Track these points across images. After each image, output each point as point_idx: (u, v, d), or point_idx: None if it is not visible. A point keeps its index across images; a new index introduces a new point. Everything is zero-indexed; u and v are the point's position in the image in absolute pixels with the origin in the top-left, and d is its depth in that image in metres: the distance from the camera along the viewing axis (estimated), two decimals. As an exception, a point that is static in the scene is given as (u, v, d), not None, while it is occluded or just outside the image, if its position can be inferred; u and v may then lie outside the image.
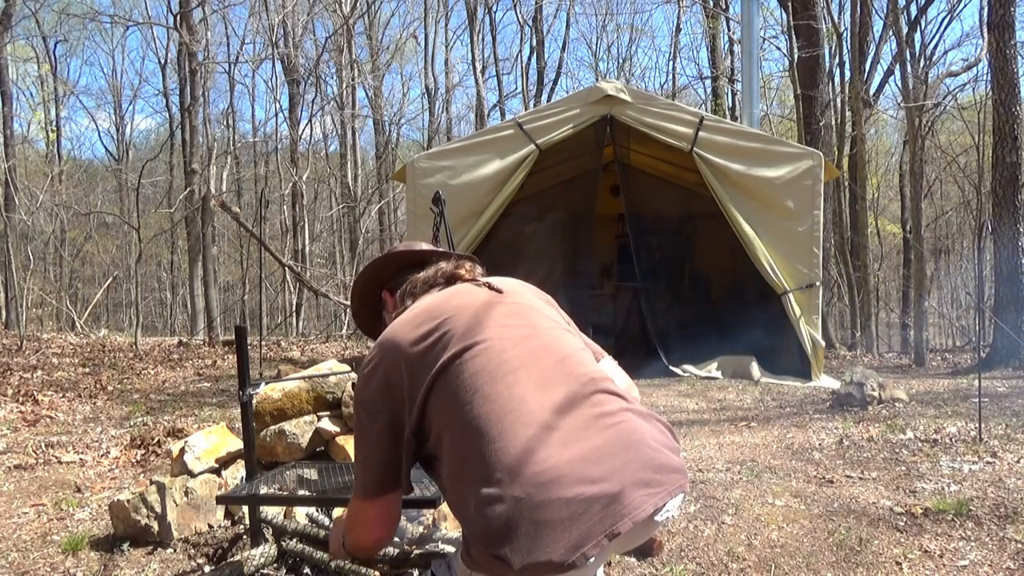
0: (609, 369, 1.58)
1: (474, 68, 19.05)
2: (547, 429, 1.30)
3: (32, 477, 3.79)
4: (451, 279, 1.65)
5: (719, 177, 6.41)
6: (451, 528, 2.47)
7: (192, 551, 2.69)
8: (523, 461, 1.26)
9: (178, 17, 13.29)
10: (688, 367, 6.50)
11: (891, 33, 12.95)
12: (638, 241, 7.26)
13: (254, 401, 2.53)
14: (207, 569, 2.57)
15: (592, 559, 1.22)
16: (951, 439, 3.72)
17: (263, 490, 2.29)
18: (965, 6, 23.81)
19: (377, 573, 2.28)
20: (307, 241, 18.80)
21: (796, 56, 11.50)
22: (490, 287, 1.58)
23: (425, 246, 1.77)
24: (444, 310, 1.49)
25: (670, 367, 6.44)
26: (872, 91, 14.72)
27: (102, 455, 4.19)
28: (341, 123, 19.51)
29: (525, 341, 1.45)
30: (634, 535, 1.32)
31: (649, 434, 1.37)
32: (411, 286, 1.65)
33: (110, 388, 6.52)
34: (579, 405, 1.36)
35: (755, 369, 6.26)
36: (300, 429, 3.06)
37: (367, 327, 1.84)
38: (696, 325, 7.16)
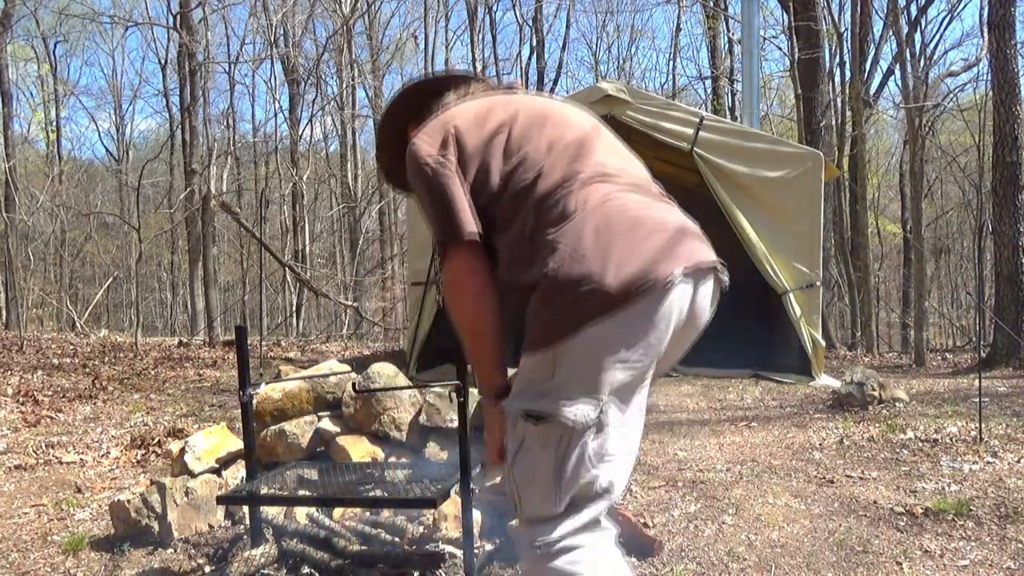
0: None
1: (474, 68, 19.04)
2: (613, 178, 1.39)
3: (32, 477, 3.79)
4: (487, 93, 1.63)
5: (719, 177, 6.40)
6: (451, 528, 2.46)
7: (192, 551, 2.69)
8: (604, 198, 1.34)
9: (178, 17, 13.27)
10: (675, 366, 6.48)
11: (891, 33, 12.96)
12: None
13: (254, 401, 2.53)
14: (207, 569, 2.57)
15: (678, 283, 1.28)
16: (951, 439, 3.71)
17: (263, 490, 2.29)
18: (965, 6, 23.84)
19: (377, 573, 2.28)
20: (307, 241, 18.79)
21: (796, 56, 11.51)
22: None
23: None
24: (496, 101, 1.52)
25: None
26: (872, 91, 14.74)
27: (102, 455, 4.20)
28: (341, 123, 19.50)
29: (581, 134, 1.49)
30: (692, 309, 1.35)
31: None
32: (444, 106, 1.57)
33: (110, 388, 6.52)
34: (641, 180, 1.46)
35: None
36: (300, 429, 3.06)
37: (402, 181, 1.64)
38: None
